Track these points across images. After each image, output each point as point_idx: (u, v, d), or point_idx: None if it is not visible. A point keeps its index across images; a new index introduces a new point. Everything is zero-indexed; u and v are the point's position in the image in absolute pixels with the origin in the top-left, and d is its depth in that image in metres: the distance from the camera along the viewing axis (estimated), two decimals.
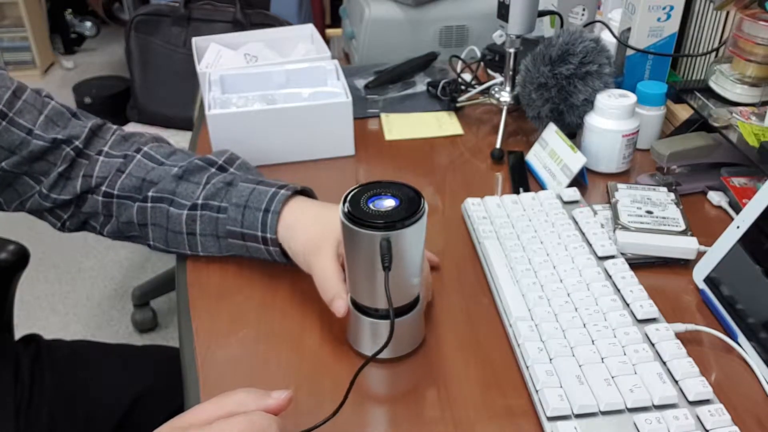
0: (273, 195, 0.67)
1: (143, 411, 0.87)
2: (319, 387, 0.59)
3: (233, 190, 0.68)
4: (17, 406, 0.82)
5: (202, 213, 0.69)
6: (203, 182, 0.70)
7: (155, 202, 0.70)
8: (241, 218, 0.67)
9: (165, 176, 0.70)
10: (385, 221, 0.52)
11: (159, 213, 0.70)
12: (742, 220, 0.64)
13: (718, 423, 0.52)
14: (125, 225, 0.72)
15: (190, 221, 0.69)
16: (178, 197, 0.69)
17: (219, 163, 0.73)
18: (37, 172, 0.70)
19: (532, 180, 0.89)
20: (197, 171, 0.71)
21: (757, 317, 0.60)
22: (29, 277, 2.04)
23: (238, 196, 0.68)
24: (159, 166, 0.71)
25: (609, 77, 0.88)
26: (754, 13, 0.85)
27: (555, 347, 0.58)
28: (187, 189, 0.69)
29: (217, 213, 0.68)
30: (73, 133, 0.71)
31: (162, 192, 0.70)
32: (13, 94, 0.69)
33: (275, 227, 0.65)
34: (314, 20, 2.23)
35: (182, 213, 0.69)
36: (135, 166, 0.71)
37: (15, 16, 3.28)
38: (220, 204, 0.68)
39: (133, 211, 0.71)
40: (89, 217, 0.73)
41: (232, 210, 0.67)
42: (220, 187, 0.69)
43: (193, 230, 0.70)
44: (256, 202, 0.66)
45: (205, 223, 0.69)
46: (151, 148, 0.73)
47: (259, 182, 0.69)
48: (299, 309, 0.67)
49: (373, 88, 1.14)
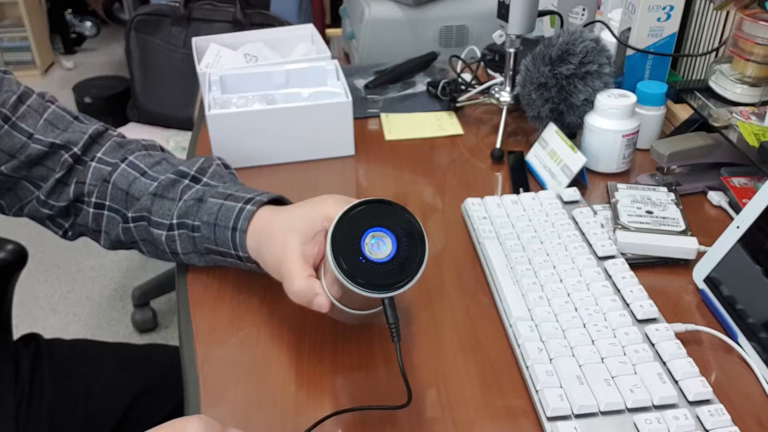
0: (239, 212, 0.65)
1: (143, 410, 0.87)
2: (319, 386, 0.59)
3: (203, 206, 0.67)
4: (17, 405, 0.82)
5: (180, 232, 0.68)
6: (177, 198, 0.68)
7: (136, 222, 0.69)
8: (213, 237, 0.66)
9: (144, 193, 0.69)
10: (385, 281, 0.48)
11: (144, 230, 0.69)
12: (742, 220, 0.64)
13: (718, 423, 0.52)
14: (117, 242, 0.72)
15: (170, 241, 0.68)
16: (155, 216, 0.68)
17: (191, 173, 0.70)
18: (36, 177, 0.70)
19: (532, 180, 0.89)
20: (171, 186, 0.69)
21: (757, 317, 0.60)
22: (29, 277, 2.04)
23: (207, 213, 0.66)
24: (141, 177, 0.70)
25: (609, 77, 0.88)
26: (754, 13, 0.85)
27: (555, 347, 0.58)
28: (162, 207, 0.68)
29: (192, 232, 0.67)
30: (71, 139, 0.70)
31: (140, 211, 0.69)
32: (18, 98, 0.69)
33: (245, 245, 0.64)
34: (314, 20, 2.23)
35: (162, 234, 0.68)
36: (119, 176, 0.70)
37: (15, 16, 3.29)
38: (193, 222, 0.67)
39: (120, 231, 0.70)
40: (84, 230, 0.73)
41: (204, 228, 0.66)
42: (191, 204, 0.68)
43: (175, 249, 0.69)
44: (225, 220, 0.65)
45: (184, 242, 0.68)
46: (137, 157, 0.71)
47: (227, 196, 0.67)
48: (299, 309, 0.67)
49: (373, 88, 1.14)
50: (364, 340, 0.64)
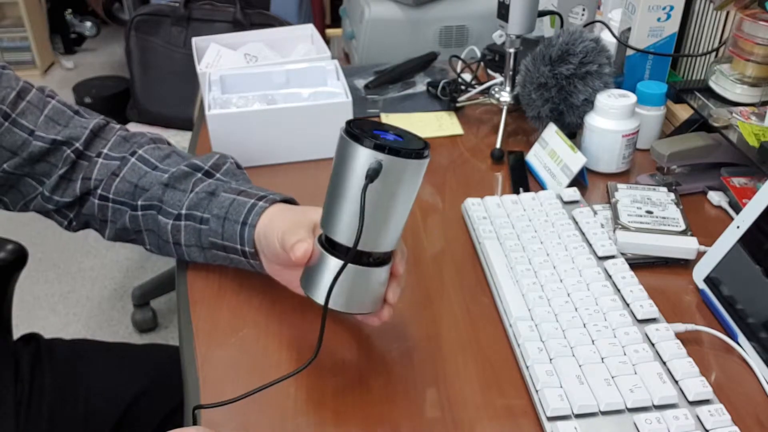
0: (251, 207, 0.65)
1: (143, 410, 0.87)
2: (319, 386, 0.59)
3: (215, 200, 0.67)
4: (17, 405, 0.82)
5: (186, 223, 0.68)
6: (189, 190, 0.69)
7: (145, 210, 0.69)
8: (221, 230, 0.66)
9: (155, 183, 0.69)
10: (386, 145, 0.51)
11: (151, 220, 0.70)
12: (742, 220, 0.64)
13: (718, 423, 0.52)
14: (122, 231, 0.72)
15: (175, 231, 0.68)
16: (165, 205, 0.68)
17: (205, 168, 0.71)
18: (38, 174, 0.70)
19: (532, 180, 0.89)
20: (183, 178, 0.69)
21: (757, 317, 0.60)
22: (29, 277, 2.04)
23: (218, 207, 0.66)
24: (152, 171, 0.70)
25: (609, 77, 0.88)
26: (754, 13, 0.85)
27: (555, 347, 0.58)
28: (173, 197, 0.68)
29: (200, 224, 0.67)
30: (73, 134, 0.70)
31: (151, 200, 0.69)
32: (18, 94, 0.69)
33: (252, 240, 0.64)
34: (314, 20, 2.23)
35: (168, 223, 0.68)
36: (129, 170, 0.70)
37: (15, 16, 3.28)
38: (202, 215, 0.67)
39: (126, 219, 0.70)
40: (90, 219, 0.73)
41: (213, 222, 0.66)
42: (203, 197, 0.68)
43: (178, 240, 0.69)
44: (235, 214, 0.65)
45: (189, 234, 0.68)
46: (146, 150, 0.72)
47: (240, 192, 0.67)
48: (299, 309, 0.67)
49: (373, 88, 1.14)
50: (363, 342, 0.64)
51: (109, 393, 0.87)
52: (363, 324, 0.65)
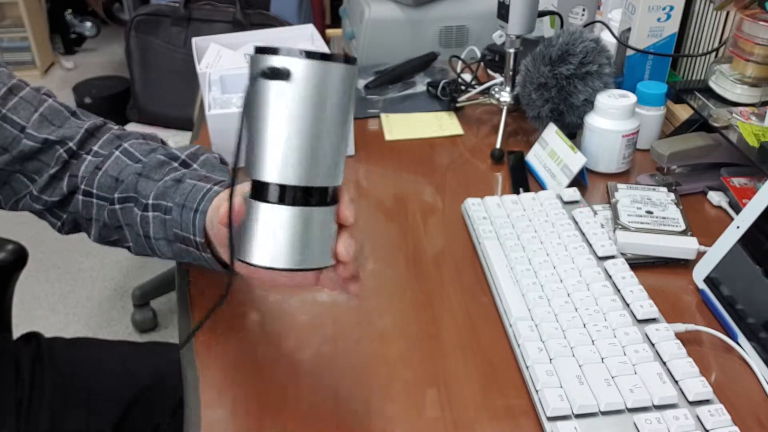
0: (206, 192, 0.59)
1: (143, 410, 0.87)
2: (319, 386, 0.59)
3: (179, 187, 0.62)
4: (18, 404, 0.82)
5: (154, 214, 0.63)
6: (161, 179, 0.64)
7: (122, 203, 0.66)
8: (180, 219, 0.60)
9: (131, 174, 0.65)
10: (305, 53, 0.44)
11: (128, 213, 0.66)
12: (742, 220, 0.64)
13: (718, 423, 0.52)
14: (105, 229, 0.69)
15: (144, 223, 0.64)
16: (139, 196, 0.64)
17: (182, 158, 0.67)
18: (30, 171, 0.68)
19: (532, 180, 0.89)
20: (158, 167, 0.65)
21: (757, 317, 0.60)
22: (29, 277, 2.04)
23: (181, 194, 0.61)
24: (134, 164, 0.67)
25: (609, 77, 0.88)
26: (754, 13, 0.85)
27: (555, 347, 0.58)
28: (146, 187, 0.64)
29: (165, 214, 0.62)
30: (67, 134, 0.68)
31: (127, 192, 0.66)
32: (9, 90, 0.66)
33: (203, 229, 0.58)
34: (314, 20, 2.23)
35: (138, 214, 0.64)
36: (111, 164, 0.67)
37: (15, 16, 3.28)
38: (167, 204, 0.62)
39: (105, 215, 0.67)
40: (77, 217, 0.70)
41: (175, 211, 0.61)
42: (169, 185, 0.63)
43: (147, 233, 0.64)
44: (191, 201, 0.60)
45: (156, 226, 0.63)
46: (132, 144, 0.68)
47: (203, 178, 0.62)
48: (299, 308, 0.67)
49: (373, 88, 1.14)
50: (363, 342, 0.64)
51: (110, 392, 0.87)
52: (363, 323, 0.65)
